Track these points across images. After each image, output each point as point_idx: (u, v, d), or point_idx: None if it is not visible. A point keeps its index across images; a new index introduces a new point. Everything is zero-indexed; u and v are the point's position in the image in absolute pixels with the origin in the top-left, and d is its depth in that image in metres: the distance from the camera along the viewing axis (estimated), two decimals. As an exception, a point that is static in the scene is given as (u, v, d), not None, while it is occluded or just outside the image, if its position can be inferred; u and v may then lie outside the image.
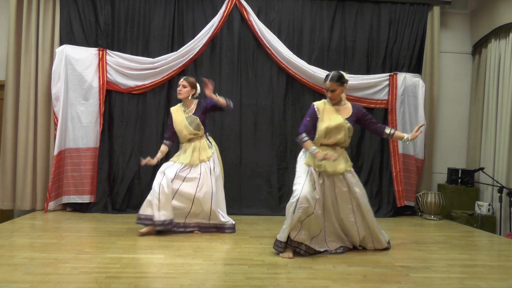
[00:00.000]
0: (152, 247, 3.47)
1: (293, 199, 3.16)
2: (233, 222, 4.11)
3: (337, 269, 2.98)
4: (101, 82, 4.98)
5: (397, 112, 5.36)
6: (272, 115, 5.30)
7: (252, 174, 5.24)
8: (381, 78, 5.38)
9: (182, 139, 4.07)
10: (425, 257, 3.42)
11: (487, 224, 5.00)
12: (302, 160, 3.41)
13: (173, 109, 4.14)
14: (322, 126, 3.35)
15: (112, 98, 5.11)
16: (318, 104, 3.43)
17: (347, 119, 3.40)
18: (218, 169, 4.12)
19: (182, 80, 4.06)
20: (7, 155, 4.90)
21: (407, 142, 3.56)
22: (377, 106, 5.40)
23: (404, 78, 5.37)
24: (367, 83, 5.34)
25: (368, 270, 2.98)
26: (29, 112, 4.94)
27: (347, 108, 3.46)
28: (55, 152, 4.82)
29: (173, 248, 3.48)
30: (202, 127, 4.03)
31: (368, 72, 5.44)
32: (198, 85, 4.16)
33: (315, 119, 3.39)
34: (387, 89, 5.39)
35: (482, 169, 5.29)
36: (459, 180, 5.50)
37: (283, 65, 5.19)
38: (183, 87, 4.01)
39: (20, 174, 4.91)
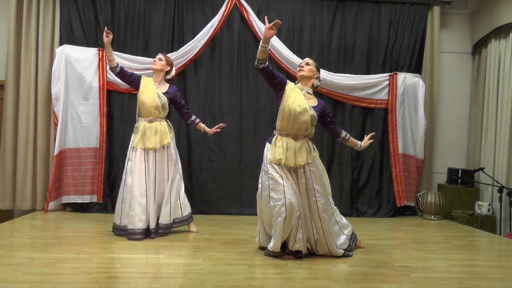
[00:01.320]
0: (152, 247, 3.46)
1: (280, 208, 3.08)
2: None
3: (337, 269, 2.98)
4: (101, 82, 4.98)
5: (397, 112, 5.36)
6: (272, 115, 5.28)
7: (252, 174, 5.23)
8: (381, 78, 5.38)
9: (143, 112, 3.84)
10: (425, 257, 3.42)
11: (487, 224, 5.00)
12: (266, 158, 3.27)
13: (145, 78, 3.92)
14: (286, 106, 3.17)
15: (112, 98, 5.11)
16: (289, 83, 3.30)
17: (312, 107, 3.26)
18: (177, 155, 3.96)
19: (159, 54, 3.96)
20: (7, 155, 4.90)
21: (360, 149, 3.59)
22: (377, 106, 5.40)
23: (404, 78, 5.37)
24: (367, 83, 5.34)
25: (368, 270, 2.98)
26: (29, 112, 4.94)
27: (313, 99, 3.35)
28: (56, 152, 4.82)
29: (173, 248, 3.48)
30: (167, 108, 3.86)
31: (368, 72, 5.44)
32: (174, 68, 4.08)
33: (280, 83, 3.24)
34: (387, 89, 5.39)
35: (482, 169, 5.29)
36: (459, 180, 5.51)
37: (283, 65, 5.19)
38: (159, 60, 3.89)
39: (20, 174, 4.91)
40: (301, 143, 3.24)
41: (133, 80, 3.89)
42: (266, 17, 3.29)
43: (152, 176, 3.77)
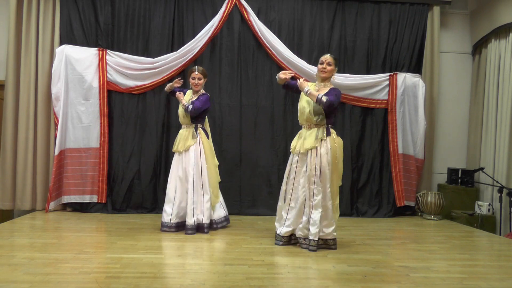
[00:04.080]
0: (152, 247, 3.47)
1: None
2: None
3: (337, 269, 2.98)
4: (101, 82, 4.98)
5: (397, 112, 5.36)
6: (272, 115, 5.30)
7: (252, 174, 5.24)
8: (381, 78, 5.38)
9: (179, 118, 4.24)
10: (425, 257, 3.42)
11: (487, 224, 5.00)
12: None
13: (188, 92, 4.32)
14: (299, 102, 3.68)
15: (112, 98, 5.11)
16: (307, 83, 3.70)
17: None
18: (202, 160, 4.10)
19: (196, 72, 4.17)
20: (7, 155, 4.90)
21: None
22: (377, 106, 5.40)
23: (404, 78, 5.37)
24: (367, 83, 5.34)
25: (368, 270, 2.98)
26: (29, 112, 4.94)
27: (325, 90, 3.59)
28: (56, 152, 4.82)
29: (173, 248, 3.48)
30: (188, 115, 4.12)
31: (368, 72, 5.43)
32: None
33: (296, 87, 3.62)
34: (387, 89, 5.39)
35: (482, 169, 5.29)
36: (459, 180, 5.51)
37: (283, 65, 5.18)
38: (198, 79, 4.18)
39: (20, 174, 4.91)
40: (311, 130, 3.56)
41: (181, 89, 4.34)
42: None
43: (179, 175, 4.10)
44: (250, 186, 5.24)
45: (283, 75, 3.63)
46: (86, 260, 2.99)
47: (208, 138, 4.22)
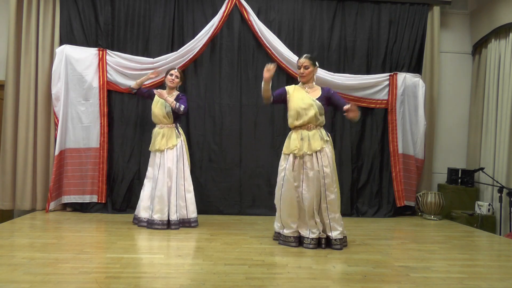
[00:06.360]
0: (152, 247, 3.47)
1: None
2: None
3: (337, 269, 2.98)
4: (101, 82, 4.98)
5: (397, 112, 5.36)
6: (272, 115, 5.29)
7: (252, 174, 5.24)
8: (381, 78, 5.38)
9: (155, 120, 4.33)
10: (425, 257, 3.42)
11: (487, 224, 5.00)
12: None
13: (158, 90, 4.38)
14: (292, 106, 3.58)
15: (112, 98, 5.11)
16: (288, 87, 3.70)
17: (317, 99, 3.55)
18: (184, 158, 4.31)
19: (175, 70, 4.40)
20: (7, 155, 4.90)
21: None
22: (377, 106, 5.40)
23: (404, 78, 5.37)
24: (367, 83, 5.34)
25: (368, 270, 2.98)
26: (29, 112, 4.94)
27: (317, 90, 3.64)
28: (56, 152, 4.82)
29: (173, 248, 3.48)
30: (171, 115, 4.26)
31: (368, 72, 5.43)
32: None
33: (283, 95, 3.64)
34: (387, 89, 5.39)
35: (482, 169, 5.28)
36: (459, 180, 5.50)
37: (283, 65, 5.18)
38: (176, 78, 4.35)
39: (20, 174, 4.91)
40: (314, 131, 3.55)
41: (150, 95, 4.41)
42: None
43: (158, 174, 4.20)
44: (250, 186, 5.24)
45: (267, 73, 3.42)
46: (86, 260, 2.99)
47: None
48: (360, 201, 5.41)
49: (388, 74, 5.39)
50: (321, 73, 5.07)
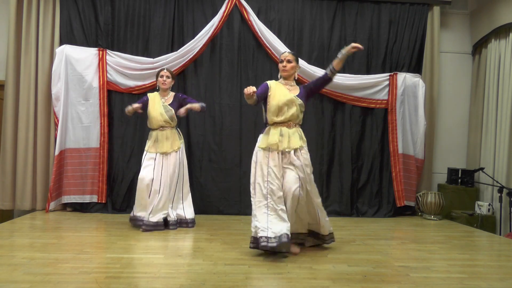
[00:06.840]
0: (152, 247, 3.47)
1: None
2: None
3: (337, 269, 2.98)
4: (101, 82, 4.98)
5: (397, 112, 5.36)
6: (272, 115, 5.29)
7: (252, 174, 5.23)
8: (381, 78, 5.38)
9: (153, 124, 4.22)
10: (425, 257, 3.42)
11: (487, 224, 5.00)
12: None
13: (150, 95, 4.30)
14: (273, 102, 3.42)
15: (112, 98, 5.11)
16: (270, 82, 3.55)
17: (297, 95, 3.46)
18: (185, 161, 4.36)
19: (165, 71, 4.27)
20: (7, 155, 4.90)
21: (344, 53, 3.44)
22: (377, 106, 5.40)
23: (404, 78, 5.37)
24: (367, 83, 5.34)
25: (368, 270, 2.98)
26: (29, 112, 4.94)
27: (296, 88, 3.55)
28: (56, 152, 4.82)
29: (173, 248, 3.48)
30: (175, 118, 4.24)
31: (368, 72, 5.43)
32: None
33: (265, 92, 3.49)
34: (387, 89, 5.39)
35: (482, 169, 5.28)
36: (459, 180, 5.50)
37: (283, 65, 5.18)
38: (167, 78, 4.24)
39: (20, 174, 4.92)
40: (293, 129, 3.42)
41: (143, 105, 4.23)
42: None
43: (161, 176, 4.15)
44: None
45: (248, 90, 3.25)
46: (86, 260, 2.99)
47: None
48: (360, 201, 5.41)
49: (388, 74, 5.39)
50: (321, 73, 5.05)
